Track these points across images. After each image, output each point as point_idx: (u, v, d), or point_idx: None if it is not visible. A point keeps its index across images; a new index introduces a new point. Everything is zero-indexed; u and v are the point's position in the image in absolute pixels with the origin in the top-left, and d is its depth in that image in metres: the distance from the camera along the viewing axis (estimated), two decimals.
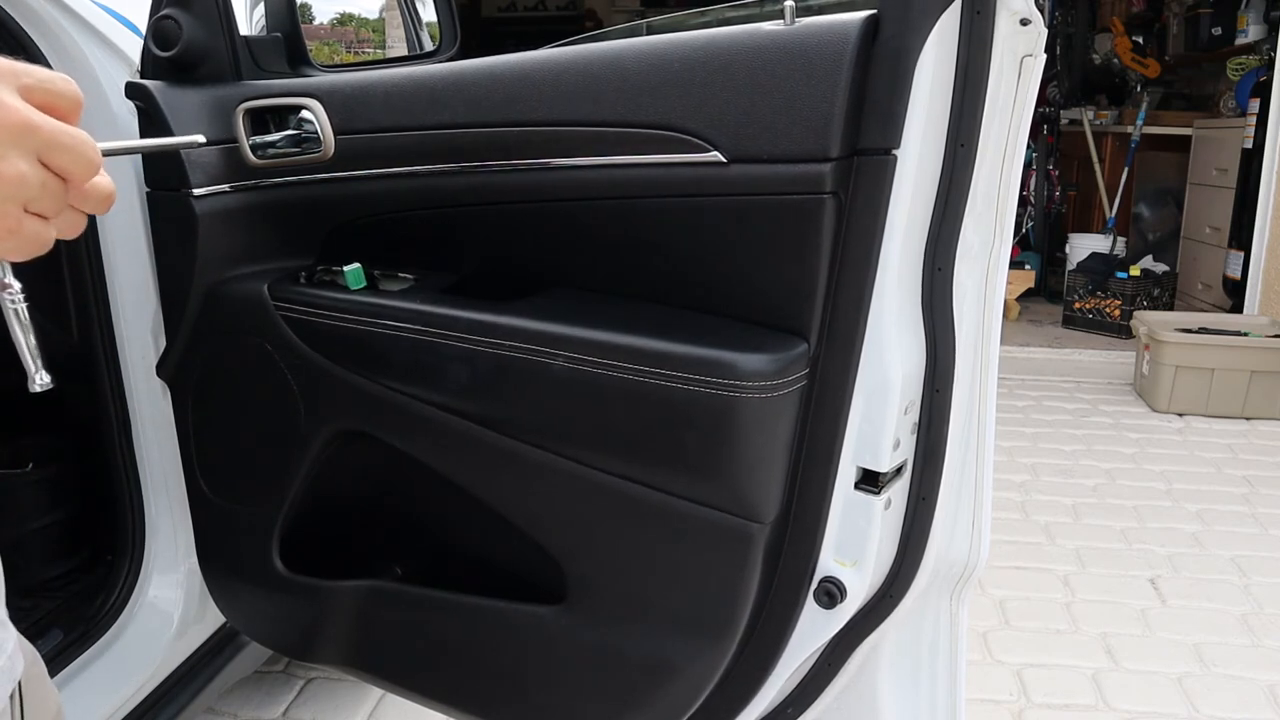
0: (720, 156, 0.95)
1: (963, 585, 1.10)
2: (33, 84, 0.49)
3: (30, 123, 0.47)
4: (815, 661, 1.11)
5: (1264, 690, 1.96)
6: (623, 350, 0.98)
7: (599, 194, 1.03)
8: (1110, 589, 2.36)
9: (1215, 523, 2.74)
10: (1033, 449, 3.31)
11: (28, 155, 0.47)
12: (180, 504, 1.38)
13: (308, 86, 1.17)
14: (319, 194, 1.19)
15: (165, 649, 1.40)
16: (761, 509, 0.99)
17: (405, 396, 1.13)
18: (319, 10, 3.36)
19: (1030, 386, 4.06)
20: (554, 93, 1.03)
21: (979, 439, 1.05)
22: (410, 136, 1.12)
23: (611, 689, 1.12)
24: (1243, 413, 3.64)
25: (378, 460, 1.22)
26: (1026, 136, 0.97)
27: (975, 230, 0.98)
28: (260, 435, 1.26)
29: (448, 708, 1.27)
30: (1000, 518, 2.73)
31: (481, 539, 1.22)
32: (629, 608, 1.09)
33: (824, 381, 0.98)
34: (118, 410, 1.37)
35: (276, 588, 1.30)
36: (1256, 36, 4.65)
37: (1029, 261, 5.26)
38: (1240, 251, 4.38)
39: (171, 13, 1.19)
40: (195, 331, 1.25)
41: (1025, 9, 0.90)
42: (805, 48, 0.90)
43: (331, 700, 1.86)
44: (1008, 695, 1.92)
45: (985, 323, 1.01)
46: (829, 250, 0.94)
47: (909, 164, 0.91)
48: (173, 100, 1.17)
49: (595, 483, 1.05)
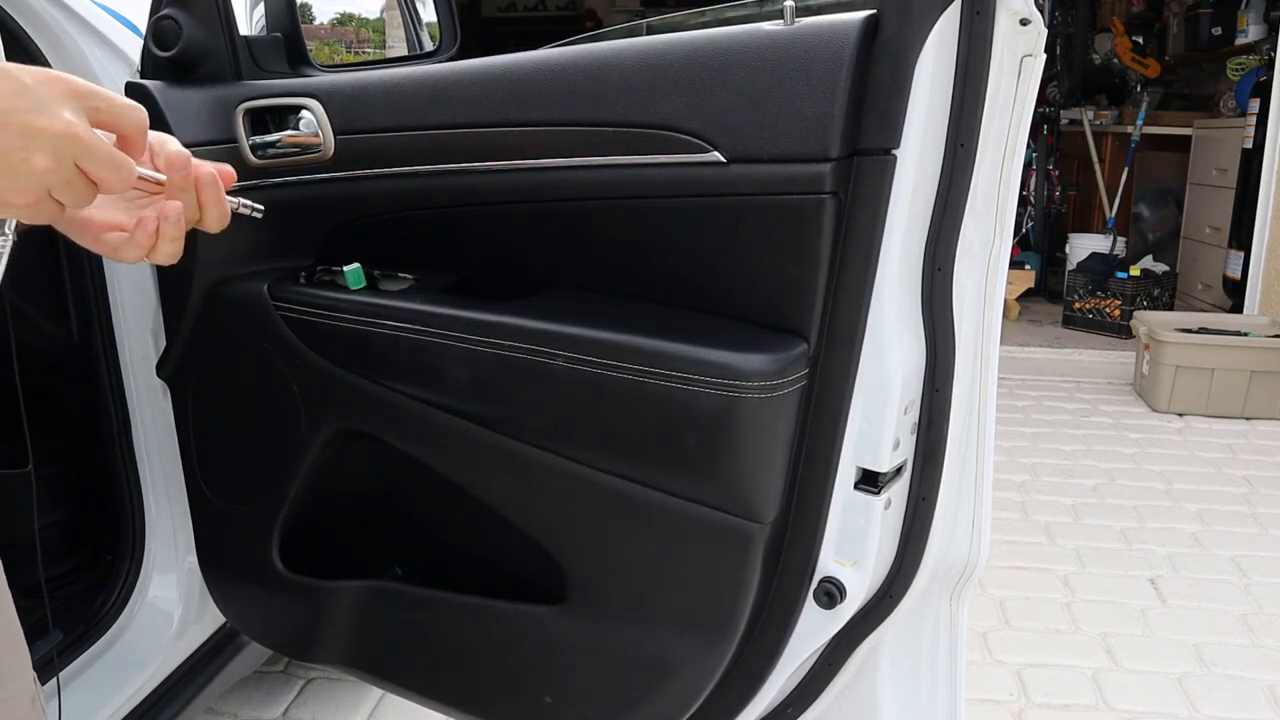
0: (720, 156, 0.95)
1: (963, 585, 1.10)
2: (103, 107, 0.59)
3: (73, 134, 0.56)
4: (815, 661, 1.11)
5: (1264, 690, 1.96)
6: (623, 350, 0.98)
7: (599, 194, 1.03)
8: (1110, 589, 2.36)
9: (1215, 523, 2.74)
10: (1033, 449, 3.31)
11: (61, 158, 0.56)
12: (180, 504, 1.38)
13: (308, 86, 1.17)
14: (319, 194, 1.19)
15: (165, 649, 1.40)
16: (761, 509, 0.99)
17: (405, 396, 1.13)
18: (319, 10, 3.36)
19: (1030, 386, 4.06)
20: (554, 93, 1.03)
21: (979, 439, 1.05)
22: (410, 136, 1.12)
23: (611, 689, 1.12)
24: (1243, 413, 3.64)
25: (378, 460, 1.22)
26: (1026, 136, 0.97)
27: (975, 230, 0.98)
28: (260, 435, 1.26)
29: (448, 708, 1.27)
30: (1000, 518, 2.73)
31: (481, 539, 1.22)
32: (629, 608, 1.09)
33: (824, 381, 0.98)
34: (118, 410, 1.37)
35: (276, 588, 1.30)
36: (1256, 36, 4.65)
37: (1029, 261, 5.26)
38: (1240, 251, 4.38)
39: (171, 13, 1.19)
40: (195, 331, 1.25)
41: (1025, 9, 0.90)
42: (805, 48, 0.90)
43: (331, 700, 1.86)
44: (1008, 695, 1.92)
45: (985, 322, 1.01)
46: (829, 250, 0.94)
47: (909, 164, 0.91)
48: (173, 100, 1.17)
49: (595, 483, 1.05)
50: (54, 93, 0.56)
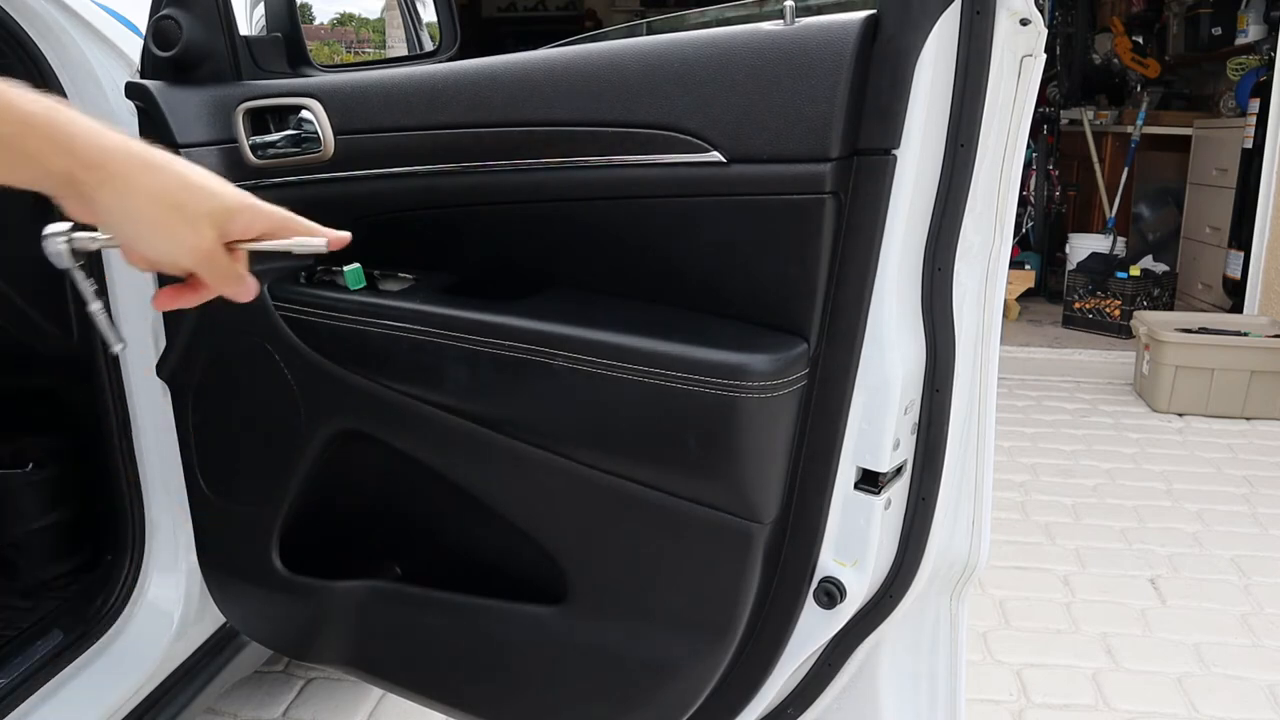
0: (720, 156, 0.95)
1: (963, 585, 1.10)
2: (235, 231, 0.73)
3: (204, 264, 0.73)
4: (815, 661, 1.11)
5: (1264, 690, 1.96)
6: (623, 350, 0.98)
7: (599, 194, 1.03)
8: (1110, 589, 2.36)
9: (1215, 523, 2.74)
10: (1033, 449, 3.31)
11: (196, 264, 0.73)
12: (180, 504, 1.38)
13: (308, 86, 1.17)
14: (319, 194, 1.19)
15: (165, 649, 1.40)
16: (761, 509, 0.99)
17: (405, 396, 1.13)
18: (319, 10, 3.36)
19: (1030, 386, 4.06)
20: (554, 93, 1.03)
21: (979, 439, 1.05)
22: (410, 136, 1.12)
23: (612, 689, 1.12)
24: (1243, 413, 3.64)
25: (378, 460, 1.22)
26: (1026, 136, 0.97)
27: (975, 230, 0.98)
28: (260, 435, 1.26)
29: (448, 708, 1.27)
30: (1000, 518, 2.73)
31: (481, 539, 1.22)
32: (629, 608, 1.09)
33: (824, 381, 0.98)
34: (118, 410, 1.37)
35: (276, 588, 1.30)
36: (1256, 36, 4.66)
37: (1029, 261, 5.26)
38: (1240, 251, 4.38)
39: (171, 13, 1.19)
40: (195, 331, 1.25)
41: (1025, 9, 0.90)
42: (805, 48, 0.90)
43: (331, 700, 1.86)
44: (1008, 695, 1.92)
45: (985, 322, 1.01)
46: (829, 250, 0.94)
47: (909, 164, 0.91)
48: (173, 100, 1.17)
49: (595, 483, 1.05)
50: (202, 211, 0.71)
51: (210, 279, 0.74)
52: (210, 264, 0.72)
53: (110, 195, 0.68)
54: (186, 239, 0.70)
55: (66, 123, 0.66)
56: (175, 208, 0.70)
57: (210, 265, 0.72)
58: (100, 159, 0.67)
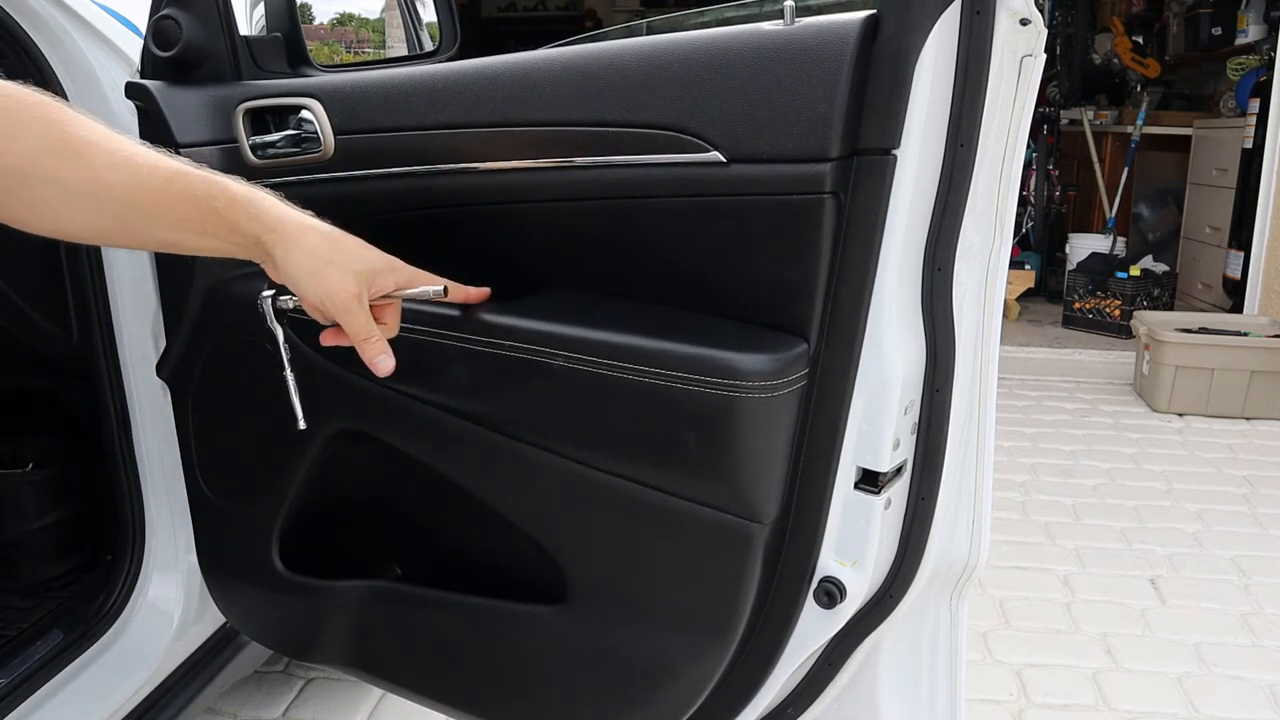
0: (720, 156, 0.95)
1: (963, 585, 1.10)
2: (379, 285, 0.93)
3: (349, 309, 0.90)
4: (815, 661, 1.11)
5: (1264, 690, 1.96)
6: (623, 350, 0.98)
7: (599, 194, 1.03)
8: (1110, 589, 2.36)
9: (1215, 523, 2.74)
10: (1033, 449, 3.31)
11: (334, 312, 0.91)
12: (180, 504, 1.38)
13: (308, 86, 1.17)
14: (319, 194, 1.19)
15: (165, 649, 1.40)
16: (761, 509, 0.99)
17: (405, 396, 1.13)
18: (319, 10, 3.36)
19: (1030, 386, 4.06)
20: (554, 93, 1.03)
21: (979, 439, 1.05)
22: (410, 136, 1.11)
23: (611, 689, 1.12)
24: (1243, 413, 3.64)
25: (378, 460, 1.22)
26: (1026, 136, 0.97)
27: (975, 230, 0.98)
28: (260, 435, 1.26)
29: (447, 708, 1.27)
30: (1000, 518, 2.73)
31: (481, 539, 1.22)
32: (629, 608, 1.09)
33: (824, 381, 0.98)
34: (118, 410, 1.37)
35: (276, 588, 1.30)
36: (1256, 36, 4.66)
37: (1029, 261, 5.26)
38: (1240, 251, 4.38)
39: (171, 13, 1.19)
40: (195, 331, 1.25)
41: (1025, 9, 0.90)
42: (805, 48, 0.90)
43: (331, 700, 1.86)
44: (1008, 695, 1.92)
45: (985, 323, 1.01)
46: (829, 250, 0.94)
47: (909, 164, 0.91)
48: (173, 100, 1.17)
49: (595, 483, 1.05)
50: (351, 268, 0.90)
51: (347, 327, 0.91)
52: (349, 313, 0.90)
53: (283, 251, 0.87)
54: (336, 287, 0.88)
55: (260, 200, 0.87)
56: (329, 262, 0.88)
57: (349, 314, 0.90)
58: (276, 224, 0.87)
